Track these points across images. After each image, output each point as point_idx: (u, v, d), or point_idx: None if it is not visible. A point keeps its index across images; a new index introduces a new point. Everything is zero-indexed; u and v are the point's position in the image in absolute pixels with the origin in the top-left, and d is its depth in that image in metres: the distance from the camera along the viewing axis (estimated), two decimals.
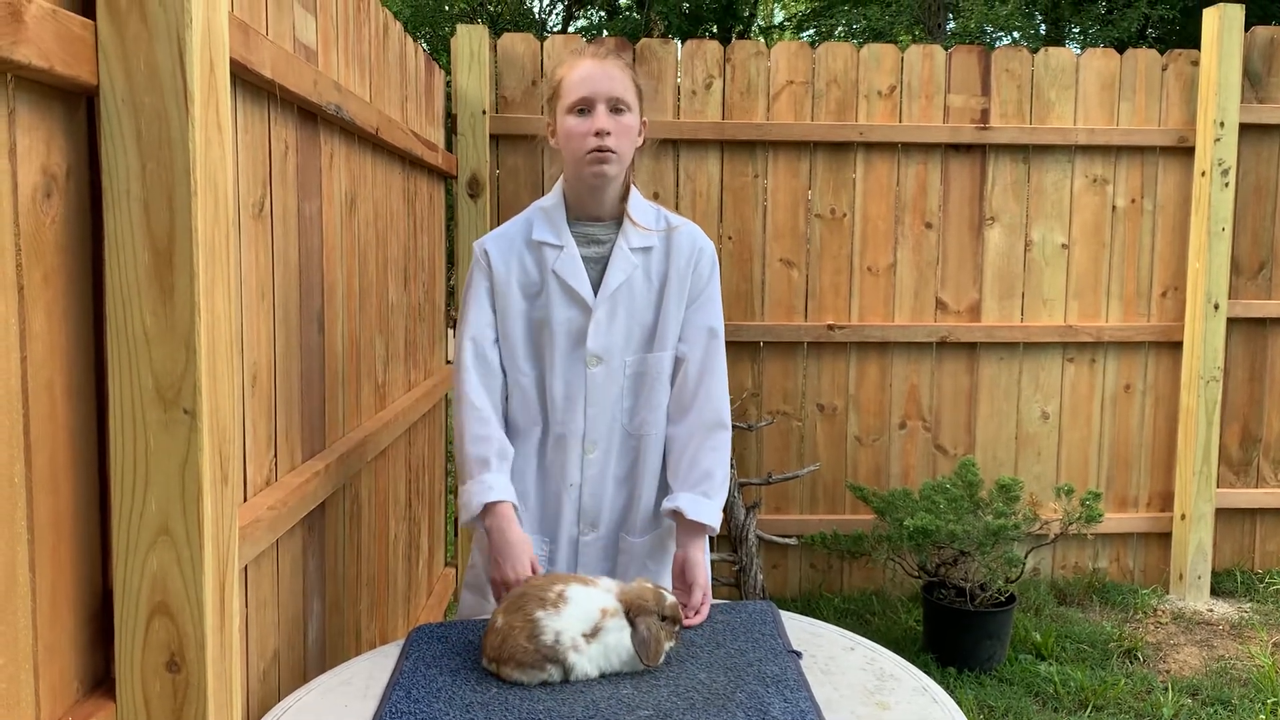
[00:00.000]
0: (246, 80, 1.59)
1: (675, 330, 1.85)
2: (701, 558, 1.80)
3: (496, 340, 1.84)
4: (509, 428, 1.88)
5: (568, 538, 1.88)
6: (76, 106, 1.14)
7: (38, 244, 1.06)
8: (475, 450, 1.79)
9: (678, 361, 1.86)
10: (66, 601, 1.13)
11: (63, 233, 1.11)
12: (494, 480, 1.77)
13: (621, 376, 1.85)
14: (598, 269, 1.83)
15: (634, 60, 3.78)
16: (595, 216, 1.85)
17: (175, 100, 1.12)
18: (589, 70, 1.76)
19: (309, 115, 1.94)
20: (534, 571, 1.72)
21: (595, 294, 1.82)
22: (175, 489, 1.16)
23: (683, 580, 1.79)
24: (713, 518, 1.80)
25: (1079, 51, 3.98)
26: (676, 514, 1.81)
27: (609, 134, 1.74)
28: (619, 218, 1.85)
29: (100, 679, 1.20)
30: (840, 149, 3.88)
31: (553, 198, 1.87)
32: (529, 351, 1.85)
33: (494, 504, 1.76)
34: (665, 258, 1.85)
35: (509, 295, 1.83)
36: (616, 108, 1.76)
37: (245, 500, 1.61)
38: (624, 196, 1.85)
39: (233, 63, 1.45)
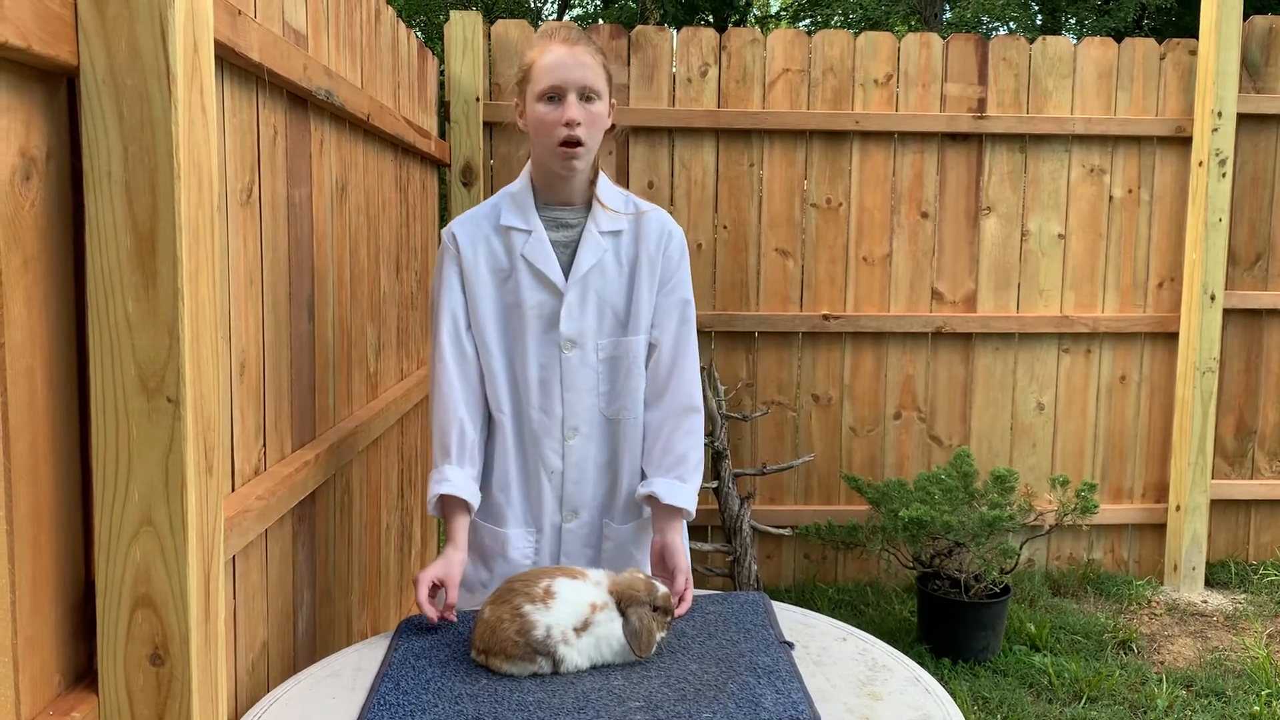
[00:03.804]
0: (234, 64, 1.56)
1: (648, 314, 1.84)
2: (680, 543, 1.79)
3: (469, 327, 1.84)
4: (491, 416, 1.88)
5: (550, 525, 1.88)
6: (56, 87, 1.11)
7: (16, 228, 1.04)
8: (437, 438, 1.83)
9: (651, 347, 1.86)
10: (47, 593, 1.11)
11: (42, 217, 1.09)
12: (450, 473, 1.79)
13: (595, 360, 1.84)
14: (567, 253, 1.82)
15: (629, 46, 3.75)
16: (564, 201, 1.83)
17: (158, 81, 1.10)
18: (560, 57, 1.72)
19: (299, 100, 1.91)
20: (447, 610, 1.69)
21: (566, 278, 1.81)
22: (158, 478, 1.13)
23: (663, 566, 1.78)
24: (688, 502, 1.80)
25: (1076, 41, 3.95)
26: (652, 499, 1.81)
27: (579, 124, 1.72)
28: (588, 202, 1.84)
29: (82, 672, 1.18)
30: (836, 138, 3.85)
31: (520, 182, 1.86)
32: (500, 336, 1.84)
33: (449, 499, 1.78)
34: (635, 242, 1.84)
35: (478, 279, 1.82)
36: (587, 96, 1.73)
37: (233, 490, 1.59)
38: (592, 180, 1.84)
39: (220, 45, 1.43)
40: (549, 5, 16.74)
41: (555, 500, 1.87)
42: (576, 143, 1.72)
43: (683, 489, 1.80)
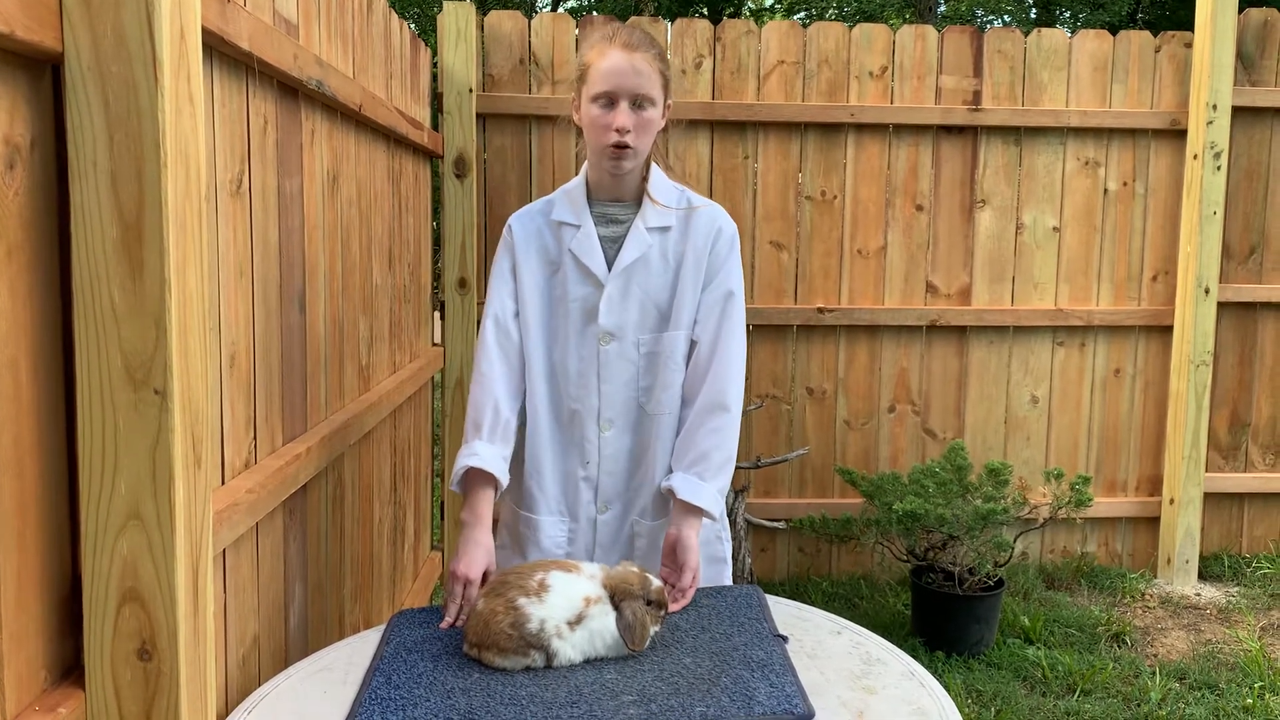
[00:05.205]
0: (223, 52, 1.54)
1: (690, 311, 1.85)
2: (694, 539, 1.78)
3: (517, 314, 1.86)
4: (529, 404, 1.88)
5: (586, 517, 1.89)
6: (41, 75, 1.10)
7: (0, 217, 1.02)
8: (471, 415, 1.83)
9: (693, 344, 1.85)
10: (33, 588, 1.09)
11: (27, 206, 1.07)
12: (480, 448, 1.78)
13: (635, 354, 1.84)
14: (615, 248, 1.84)
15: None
16: (615, 197, 1.86)
17: (144, 68, 1.08)
18: (616, 63, 1.74)
19: (289, 90, 1.90)
20: (485, 577, 1.70)
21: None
22: (145, 471, 1.12)
23: (673, 560, 1.77)
24: (706, 500, 1.78)
25: (1071, 34, 3.94)
26: (671, 493, 1.80)
27: (628, 131, 1.75)
28: (640, 198, 1.86)
29: (69, 667, 1.16)
30: (831, 130, 3.84)
31: (577, 179, 1.90)
32: (544, 328, 1.86)
33: (475, 474, 1.76)
34: (683, 238, 1.85)
35: (528, 271, 1.85)
36: (639, 103, 1.76)
37: (223, 483, 1.58)
38: (645, 176, 1.86)
39: (209, 34, 1.41)
40: None
41: (590, 492, 1.88)
42: (624, 146, 1.75)
43: (702, 487, 1.79)
